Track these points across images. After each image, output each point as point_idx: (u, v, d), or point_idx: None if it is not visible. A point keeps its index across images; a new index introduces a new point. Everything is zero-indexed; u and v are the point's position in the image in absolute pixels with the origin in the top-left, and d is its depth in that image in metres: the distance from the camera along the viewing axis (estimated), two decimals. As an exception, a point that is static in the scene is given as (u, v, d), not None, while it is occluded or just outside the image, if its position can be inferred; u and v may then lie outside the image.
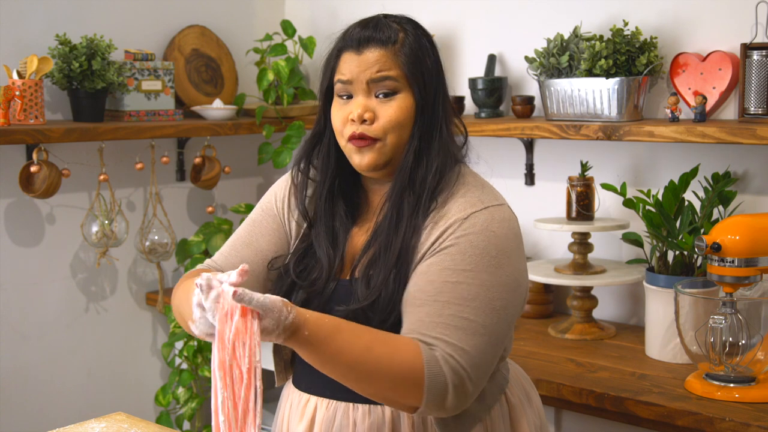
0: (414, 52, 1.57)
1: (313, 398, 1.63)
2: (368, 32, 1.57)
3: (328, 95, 1.63)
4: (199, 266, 1.72)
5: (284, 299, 1.36)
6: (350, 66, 1.57)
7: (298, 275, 1.63)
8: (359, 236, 1.65)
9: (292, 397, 1.69)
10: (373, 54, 1.56)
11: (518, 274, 1.55)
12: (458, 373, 1.43)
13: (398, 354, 1.42)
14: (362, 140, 1.56)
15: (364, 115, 1.55)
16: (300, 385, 1.67)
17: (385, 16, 1.62)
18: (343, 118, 1.58)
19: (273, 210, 1.72)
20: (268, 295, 1.34)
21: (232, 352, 1.31)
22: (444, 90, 1.62)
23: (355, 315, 1.53)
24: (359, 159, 1.58)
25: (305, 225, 1.68)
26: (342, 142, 1.60)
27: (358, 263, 1.59)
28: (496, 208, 1.55)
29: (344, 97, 1.59)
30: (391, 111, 1.55)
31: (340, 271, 1.63)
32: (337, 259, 1.62)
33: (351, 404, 1.59)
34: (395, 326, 1.53)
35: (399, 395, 1.43)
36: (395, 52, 1.56)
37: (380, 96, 1.56)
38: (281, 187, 1.74)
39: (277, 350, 1.71)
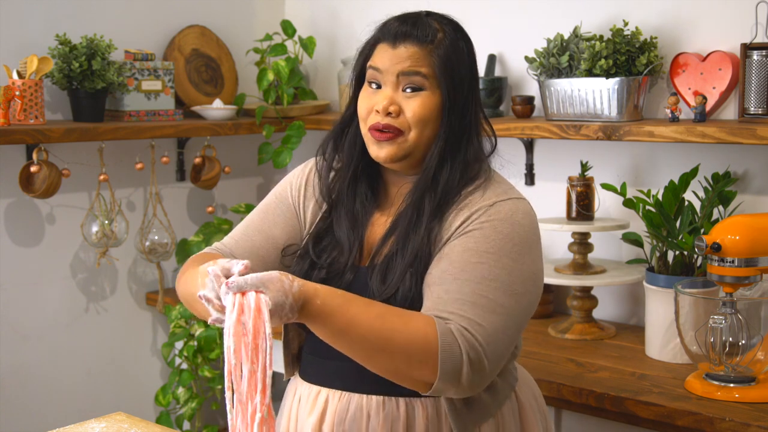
0: (448, 54, 1.57)
1: (324, 390, 1.63)
2: (406, 28, 1.57)
3: (359, 82, 1.64)
4: (206, 249, 1.72)
5: (281, 271, 1.37)
6: (383, 57, 1.58)
7: (318, 256, 1.64)
8: (378, 225, 1.66)
9: (300, 390, 1.69)
10: (408, 49, 1.56)
11: (536, 267, 1.55)
12: (473, 346, 1.42)
13: (411, 323, 1.41)
14: (384, 133, 1.57)
15: (389, 108, 1.56)
16: (309, 378, 1.67)
17: (428, 14, 1.62)
18: (369, 106, 1.59)
19: (288, 199, 1.73)
20: (263, 273, 1.34)
21: (241, 330, 1.30)
22: (476, 98, 1.62)
23: None
24: (377, 150, 1.59)
25: (326, 206, 1.68)
26: (364, 129, 1.61)
27: (376, 253, 1.60)
28: (520, 201, 1.58)
29: (374, 85, 1.60)
30: (416, 106, 1.56)
31: (359, 259, 1.64)
32: (356, 242, 1.63)
33: (365, 396, 1.59)
34: None
35: (413, 367, 1.42)
36: (430, 51, 1.56)
37: (407, 90, 1.57)
38: (297, 176, 1.75)
39: (286, 344, 1.72)
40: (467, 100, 1.60)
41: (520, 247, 1.52)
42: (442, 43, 1.57)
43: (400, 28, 1.57)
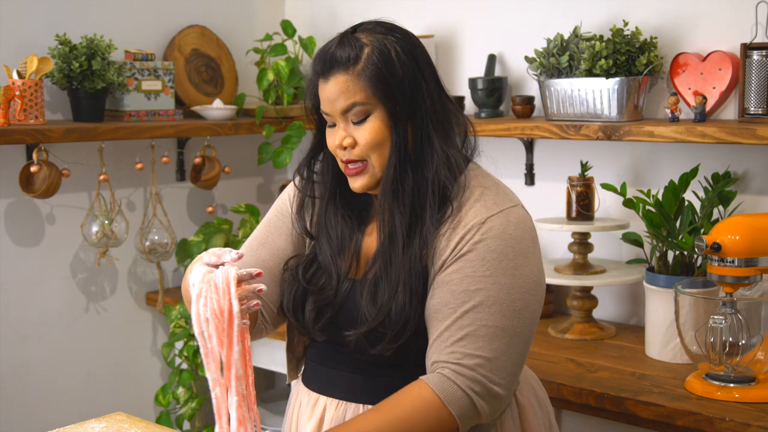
0: (378, 68, 1.55)
1: (323, 398, 1.65)
2: (331, 51, 1.57)
3: (319, 116, 1.66)
4: None
5: None
6: (324, 100, 1.59)
7: (308, 281, 1.65)
8: (371, 236, 1.67)
9: (301, 395, 1.71)
10: (337, 82, 1.56)
11: (536, 273, 1.57)
12: (475, 380, 1.48)
13: (408, 403, 1.49)
14: (352, 167, 1.60)
15: (343, 143, 1.58)
16: (311, 385, 1.69)
17: (355, 28, 1.61)
18: (332, 146, 1.62)
19: (287, 211, 1.74)
20: None
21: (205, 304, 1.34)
22: (430, 96, 1.59)
23: (366, 336, 1.54)
24: (353, 182, 1.62)
25: (308, 237, 1.71)
26: (338, 162, 1.64)
27: (369, 268, 1.61)
28: (511, 210, 1.58)
29: (331, 126, 1.62)
30: (365, 134, 1.57)
31: (355, 272, 1.64)
32: (344, 265, 1.64)
33: (361, 405, 1.61)
34: (410, 340, 1.54)
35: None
36: (358, 73, 1.55)
37: (355, 122, 1.58)
38: (295, 190, 1.76)
39: (290, 346, 1.73)
40: (415, 105, 1.57)
41: (515, 261, 1.54)
42: (370, 59, 1.55)
43: (326, 54, 1.57)
